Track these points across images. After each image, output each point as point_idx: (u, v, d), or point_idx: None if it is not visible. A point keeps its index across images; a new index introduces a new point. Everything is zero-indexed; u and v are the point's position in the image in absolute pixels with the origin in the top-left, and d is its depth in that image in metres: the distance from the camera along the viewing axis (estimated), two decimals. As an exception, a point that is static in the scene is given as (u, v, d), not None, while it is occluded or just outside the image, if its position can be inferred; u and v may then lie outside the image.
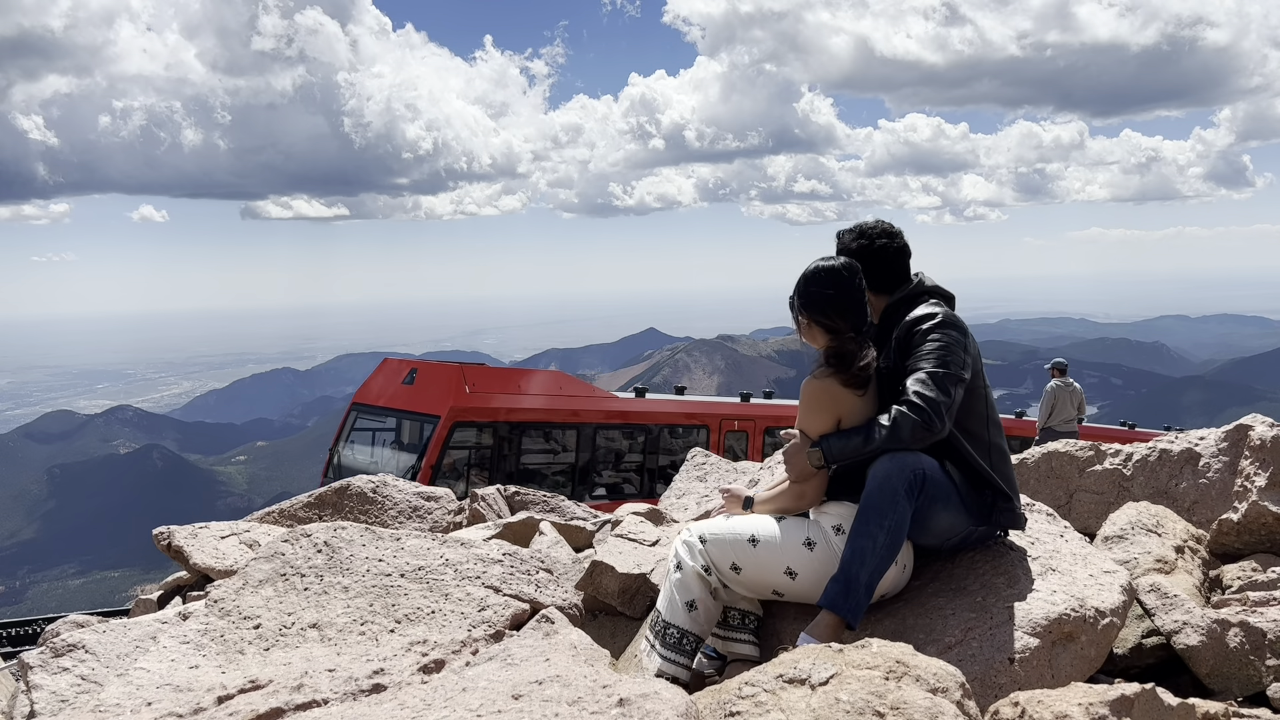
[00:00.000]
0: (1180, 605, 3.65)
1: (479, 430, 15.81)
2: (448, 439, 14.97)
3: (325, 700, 2.69)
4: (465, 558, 3.58)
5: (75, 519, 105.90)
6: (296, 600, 3.35)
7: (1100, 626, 3.27)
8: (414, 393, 15.81)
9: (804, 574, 3.29)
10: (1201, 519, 5.06)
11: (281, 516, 5.94)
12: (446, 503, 5.95)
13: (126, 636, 3.37)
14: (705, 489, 6.21)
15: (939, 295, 3.66)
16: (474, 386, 15.60)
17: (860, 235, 3.73)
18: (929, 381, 3.28)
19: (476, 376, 15.98)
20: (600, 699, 2.39)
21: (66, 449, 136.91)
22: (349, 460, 15.97)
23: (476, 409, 15.49)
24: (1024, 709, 2.46)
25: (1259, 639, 3.52)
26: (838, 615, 3.15)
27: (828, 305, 3.39)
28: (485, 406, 15.61)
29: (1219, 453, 5.21)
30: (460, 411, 15.22)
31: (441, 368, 16.44)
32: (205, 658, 3.10)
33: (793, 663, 2.55)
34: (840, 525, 3.30)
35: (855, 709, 2.32)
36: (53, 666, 3.19)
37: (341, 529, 3.66)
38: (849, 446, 3.28)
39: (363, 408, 16.52)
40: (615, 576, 4.00)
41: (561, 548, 4.63)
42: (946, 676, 2.47)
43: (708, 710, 2.50)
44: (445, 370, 16.13)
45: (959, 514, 3.39)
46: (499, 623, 3.23)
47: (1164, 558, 4.30)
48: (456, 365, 16.30)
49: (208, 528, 5.35)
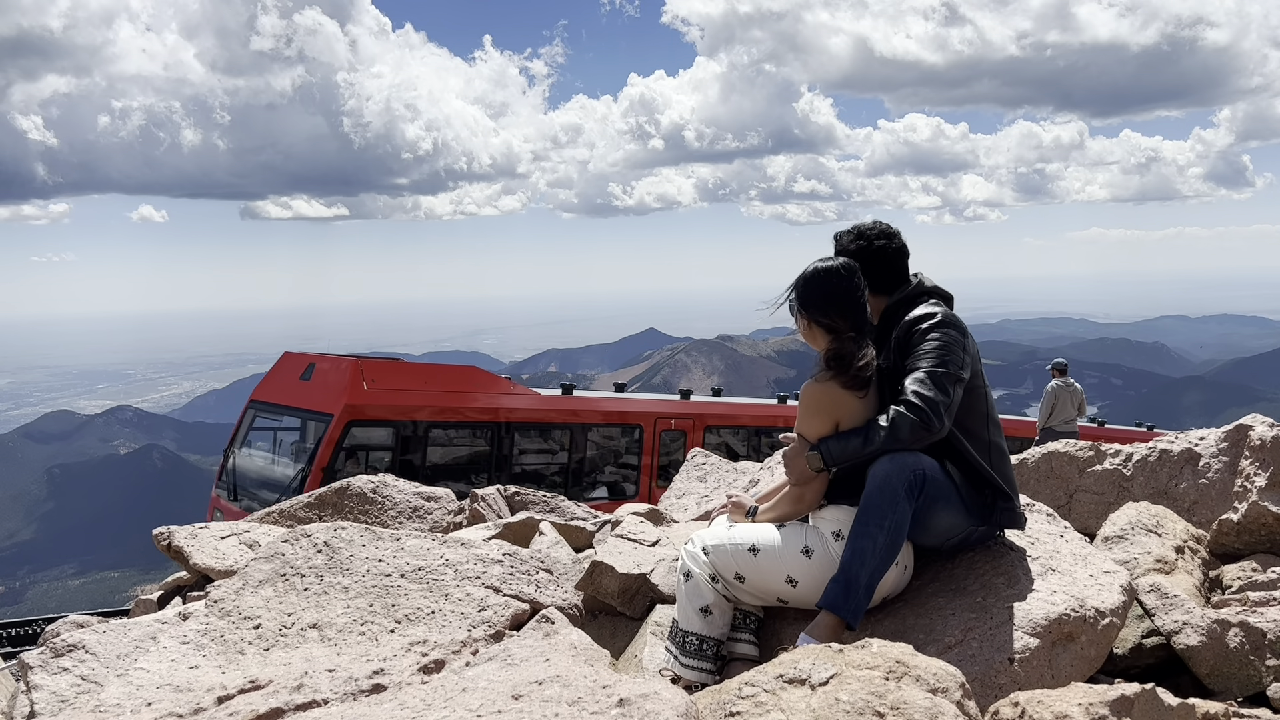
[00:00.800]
0: (1180, 605, 3.65)
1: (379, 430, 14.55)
2: (341, 440, 13.74)
3: (325, 700, 2.69)
4: (465, 558, 3.58)
5: (75, 519, 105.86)
6: (296, 600, 3.35)
7: (1100, 627, 3.27)
8: (310, 389, 14.60)
9: (804, 581, 3.29)
10: (1201, 519, 5.06)
11: (281, 517, 5.93)
12: (446, 503, 5.95)
13: (126, 637, 3.37)
14: (705, 489, 6.21)
15: (938, 295, 3.66)
16: (374, 382, 14.27)
17: (858, 236, 3.73)
18: (928, 381, 3.28)
19: (377, 371, 14.62)
20: (600, 699, 2.39)
21: (66, 449, 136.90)
22: (243, 463, 14.95)
23: (376, 407, 14.21)
24: (1024, 709, 2.46)
25: (1259, 639, 3.52)
26: (838, 616, 3.15)
27: (828, 305, 3.39)
28: (386, 404, 14.33)
29: (1219, 453, 5.21)
30: (356, 410, 13.94)
31: (339, 361, 14.94)
32: (205, 658, 3.10)
33: (793, 663, 2.55)
34: (839, 531, 3.30)
35: (855, 709, 2.32)
36: (53, 666, 3.19)
37: (341, 529, 3.66)
38: (848, 448, 3.28)
39: (260, 405, 15.31)
40: (615, 576, 4.00)
41: (561, 548, 4.63)
42: (946, 676, 2.47)
43: (708, 710, 2.50)
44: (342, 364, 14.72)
45: (959, 514, 3.39)
46: (499, 623, 3.23)
47: (1164, 558, 4.30)
48: (355, 359, 14.80)
49: (208, 528, 5.35)
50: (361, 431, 14.29)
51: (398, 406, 14.42)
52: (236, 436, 15.23)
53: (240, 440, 15.16)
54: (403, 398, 14.49)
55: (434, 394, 14.89)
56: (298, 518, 5.86)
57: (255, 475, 14.66)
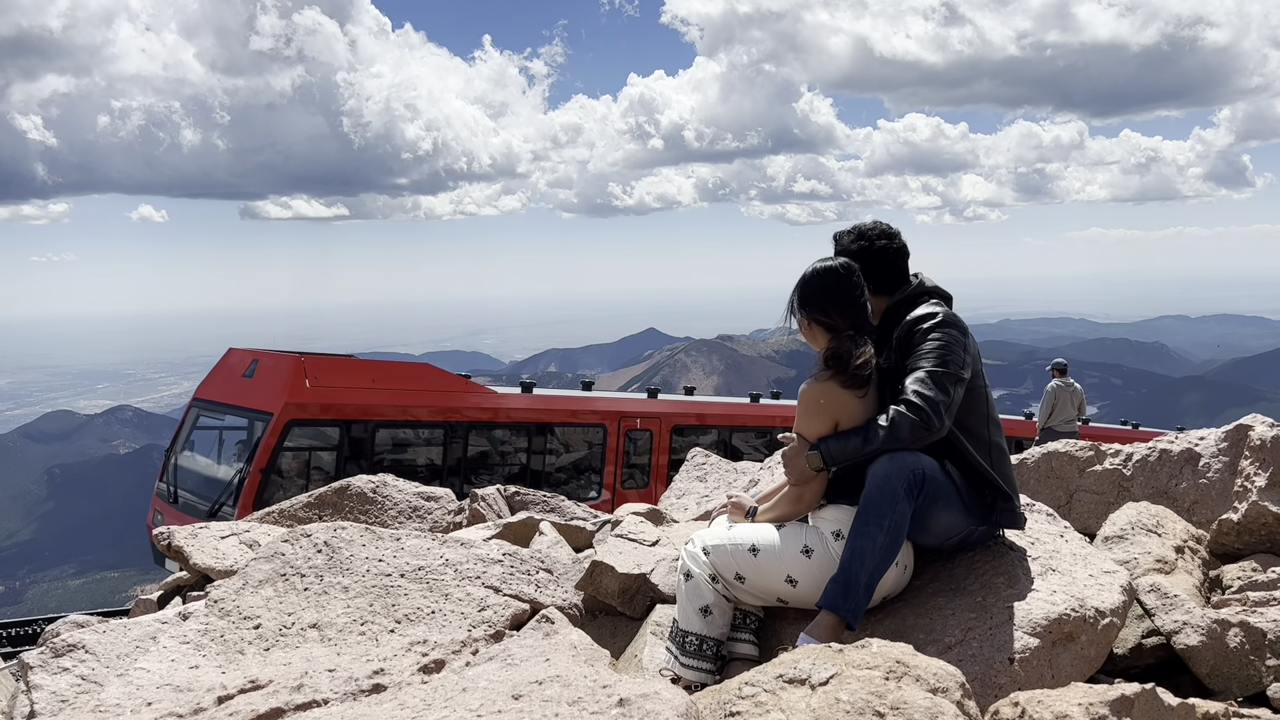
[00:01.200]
0: (1180, 605, 3.65)
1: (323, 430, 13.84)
2: (281, 441, 13.08)
3: (325, 700, 2.69)
4: (465, 558, 3.58)
5: (75, 519, 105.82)
6: (296, 600, 3.35)
7: (1100, 626, 3.27)
8: (253, 387, 13.86)
9: (804, 581, 3.29)
10: (1201, 519, 5.06)
11: (281, 516, 5.94)
12: (446, 503, 5.95)
13: (126, 637, 3.37)
14: (705, 489, 6.21)
15: (938, 295, 3.67)
16: (317, 380, 13.54)
17: (859, 237, 3.73)
18: (928, 381, 3.28)
19: (321, 368, 13.86)
20: (600, 699, 2.39)
21: (66, 449, 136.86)
22: (184, 464, 14.40)
23: (319, 405, 13.46)
24: (1024, 709, 2.46)
25: (1259, 639, 3.52)
26: (838, 615, 3.15)
27: (827, 304, 3.40)
28: (330, 403, 13.59)
29: (1219, 453, 5.21)
30: (297, 408, 13.22)
31: (281, 358, 14.14)
32: (205, 658, 3.10)
33: (793, 663, 2.55)
34: (839, 531, 3.30)
35: (855, 709, 2.32)
36: (53, 666, 3.19)
37: (341, 529, 3.66)
38: (848, 448, 3.28)
39: (203, 404, 14.59)
40: (615, 576, 4.00)
41: (561, 548, 4.63)
42: (946, 676, 2.47)
43: (708, 710, 2.50)
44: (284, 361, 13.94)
45: (959, 514, 3.39)
46: (499, 623, 3.23)
47: (1164, 558, 4.30)
48: (297, 355, 14.06)
49: (208, 528, 5.35)
50: (303, 432, 13.66)
51: (343, 405, 13.74)
52: (179, 436, 14.73)
53: (182, 440, 14.67)
54: (349, 396, 13.82)
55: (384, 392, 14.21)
56: (298, 518, 5.87)
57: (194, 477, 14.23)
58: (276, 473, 13.13)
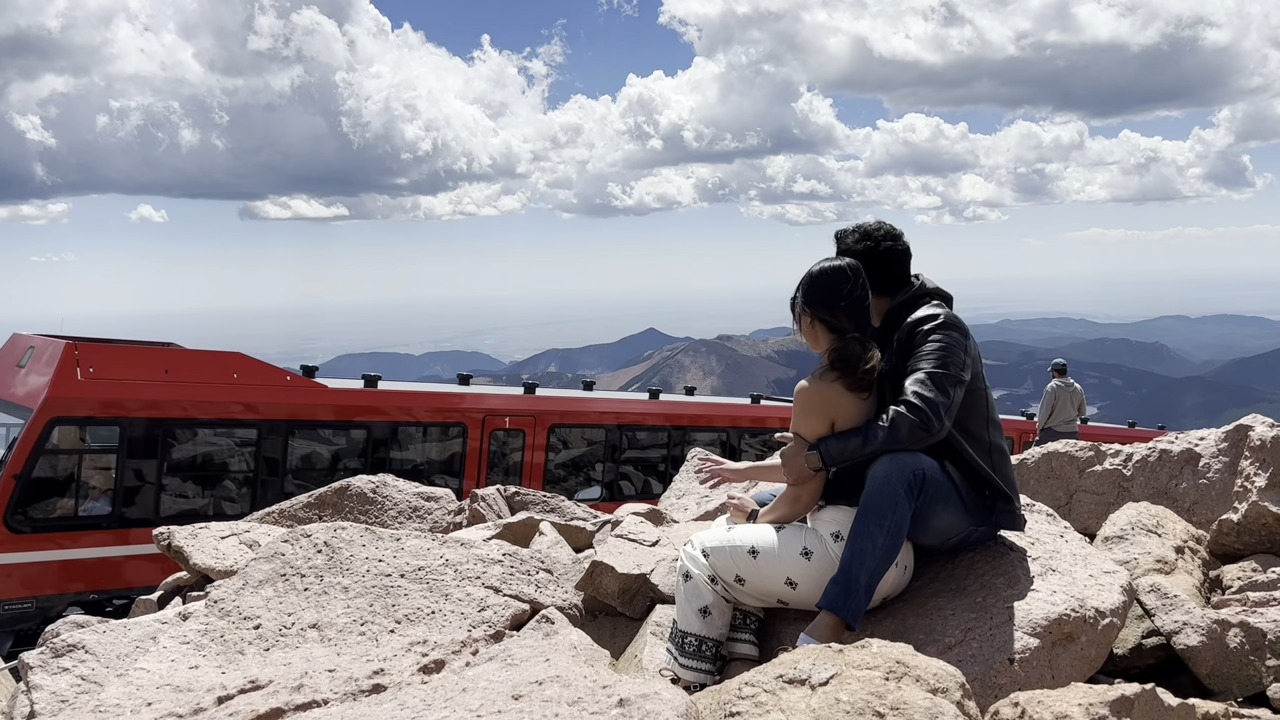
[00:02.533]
0: (1180, 606, 3.65)
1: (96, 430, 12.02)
2: (41, 442, 11.32)
3: (325, 700, 2.69)
4: (465, 558, 3.58)
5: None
6: (296, 600, 3.35)
7: (1100, 627, 3.27)
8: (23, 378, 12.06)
9: (804, 583, 3.29)
10: (1201, 519, 5.06)
11: (281, 517, 5.94)
12: (446, 503, 5.96)
13: (126, 637, 3.37)
14: (705, 489, 6.21)
15: (939, 296, 3.66)
16: (92, 371, 11.71)
17: (864, 237, 3.70)
18: (928, 382, 3.28)
19: (98, 356, 11.95)
20: (600, 699, 2.39)
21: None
22: None
23: (93, 401, 11.70)
24: (1024, 709, 2.46)
25: (1259, 639, 3.52)
26: (838, 616, 3.15)
27: (834, 304, 3.38)
28: (107, 398, 11.79)
29: (1219, 453, 5.21)
30: (61, 404, 11.45)
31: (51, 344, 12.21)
32: (205, 658, 3.10)
33: (793, 663, 2.55)
34: (838, 532, 3.30)
35: (855, 709, 2.32)
36: (53, 667, 3.19)
37: (341, 529, 3.66)
38: (848, 448, 3.27)
39: None
40: (615, 577, 4.00)
41: (561, 548, 4.63)
42: (946, 677, 2.47)
43: (708, 710, 2.50)
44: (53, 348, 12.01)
45: (959, 514, 3.39)
46: (499, 623, 3.23)
47: (1164, 558, 4.30)
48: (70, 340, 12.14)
49: (208, 528, 5.35)
50: (70, 432, 11.85)
51: (125, 400, 11.95)
52: None
53: None
54: (133, 390, 12.04)
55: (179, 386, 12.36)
56: (298, 518, 5.87)
57: None
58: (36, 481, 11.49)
